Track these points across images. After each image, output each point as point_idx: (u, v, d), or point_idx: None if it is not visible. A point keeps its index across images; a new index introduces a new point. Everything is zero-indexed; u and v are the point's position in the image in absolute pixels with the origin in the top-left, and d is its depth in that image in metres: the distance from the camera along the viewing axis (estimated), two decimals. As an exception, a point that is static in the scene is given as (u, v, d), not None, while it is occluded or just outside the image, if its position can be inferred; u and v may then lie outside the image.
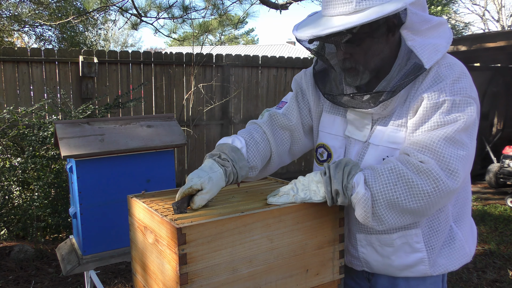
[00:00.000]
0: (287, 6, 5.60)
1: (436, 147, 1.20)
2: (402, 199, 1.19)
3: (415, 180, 1.18)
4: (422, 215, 1.24)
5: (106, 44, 20.92)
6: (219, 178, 1.29)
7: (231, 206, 1.31)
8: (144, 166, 2.39)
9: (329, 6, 1.29)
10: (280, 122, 1.53)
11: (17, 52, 5.36)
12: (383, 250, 1.38)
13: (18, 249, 4.08)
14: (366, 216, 1.22)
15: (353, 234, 1.44)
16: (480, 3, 21.36)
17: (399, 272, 1.39)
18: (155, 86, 6.26)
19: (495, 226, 5.12)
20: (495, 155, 7.12)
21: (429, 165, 1.18)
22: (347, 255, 1.48)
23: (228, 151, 1.35)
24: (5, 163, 4.31)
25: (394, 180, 1.20)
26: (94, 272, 2.54)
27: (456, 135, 1.21)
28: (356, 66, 1.33)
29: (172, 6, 5.71)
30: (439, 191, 1.18)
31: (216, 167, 1.30)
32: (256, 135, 1.47)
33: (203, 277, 1.12)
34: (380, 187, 1.20)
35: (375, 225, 1.23)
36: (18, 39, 12.85)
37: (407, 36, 1.27)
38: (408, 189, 1.19)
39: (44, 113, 4.75)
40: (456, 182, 1.19)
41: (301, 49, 25.44)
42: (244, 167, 1.37)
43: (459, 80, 1.26)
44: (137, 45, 33.83)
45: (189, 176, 1.28)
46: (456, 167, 1.19)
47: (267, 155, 1.49)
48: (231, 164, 1.33)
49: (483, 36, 6.53)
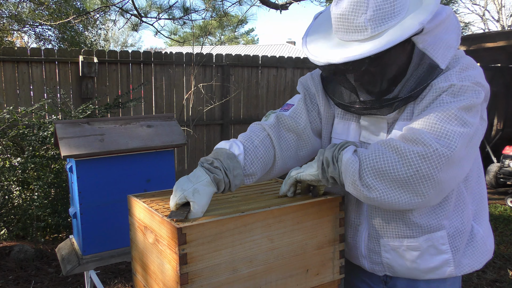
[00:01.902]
0: (287, 6, 5.60)
1: (432, 122, 1.17)
2: (390, 165, 1.14)
3: (404, 146, 1.14)
4: (415, 190, 1.14)
5: (106, 44, 20.92)
6: (206, 185, 1.22)
7: (232, 206, 1.30)
8: (144, 166, 2.39)
9: (340, 30, 1.24)
10: (287, 124, 1.47)
11: (17, 52, 5.36)
12: (409, 254, 1.35)
13: (18, 249, 4.08)
14: (354, 181, 1.17)
15: (375, 240, 1.39)
16: (480, 3, 21.38)
17: (424, 275, 1.37)
18: (155, 86, 6.26)
19: (495, 226, 5.11)
20: (495, 155, 7.12)
21: (419, 132, 1.15)
22: (367, 262, 1.43)
23: (223, 158, 1.29)
24: (5, 163, 4.30)
25: (383, 149, 1.17)
26: (94, 272, 2.54)
27: (456, 112, 1.17)
28: (375, 79, 1.29)
29: (173, 7, 5.72)
30: (428, 157, 1.11)
31: (204, 175, 1.24)
32: (256, 140, 1.40)
33: (203, 277, 1.12)
34: (368, 154, 1.18)
35: (365, 191, 1.17)
36: (18, 39, 12.84)
37: (417, 39, 1.23)
38: (397, 155, 1.14)
39: (44, 113, 4.75)
40: (448, 150, 1.12)
41: (301, 49, 25.38)
42: (239, 175, 1.30)
43: (467, 69, 1.24)
44: (137, 45, 33.86)
45: (175, 186, 1.23)
46: (451, 138, 1.13)
47: (268, 161, 1.42)
48: (223, 173, 1.26)
49: (483, 36, 6.53)
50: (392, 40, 1.16)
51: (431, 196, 1.16)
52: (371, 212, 1.37)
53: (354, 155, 1.20)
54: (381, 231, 1.37)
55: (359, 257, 1.45)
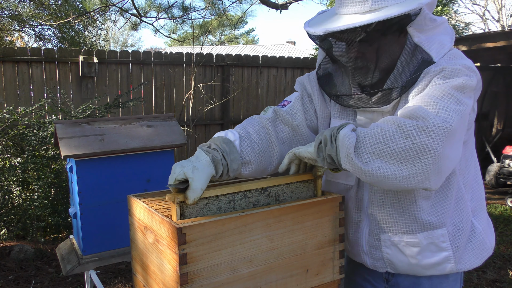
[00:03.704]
0: (287, 6, 5.60)
1: (428, 100, 1.18)
2: (389, 138, 1.13)
3: (403, 120, 1.14)
4: (415, 165, 1.12)
5: (106, 44, 20.92)
6: (205, 165, 1.22)
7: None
8: (144, 166, 2.39)
9: (343, 4, 1.30)
10: (284, 118, 1.50)
11: (17, 52, 5.36)
12: (409, 250, 1.36)
13: (18, 249, 4.08)
14: (349, 154, 1.15)
15: (375, 235, 1.41)
16: (480, 3, 21.39)
17: (424, 271, 1.38)
18: (155, 86, 6.26)
19: (495, 226, 5.11)
20: (495, 155, 7.12)
21: (417, 108, 1.15)
22: (369, 259, 1.45)
23: (220, 143, 1.31)
24: (5, 163, 4.31)
25: (382, 124, 1.17)
26: (94, 272, 2.54)
27: (450, 90, 1.18)
28: (368, 65, 1.33)
29: (172, 7, 5.72)
30: (428, 129, 1.10)
31: (203, 155, 1.25)
32: (252, 131, 1.42)
33: (203, 277, 1.12)
34: (366, 130, 1.17)
35: (359, 164, 1.15)
36: (18, 39, 12.85)
37: (413, 33, 1.28)
38: (396, 127, 1.13)
39: (44, 113, 4.75)
40: (446, 123, 1.11)
41: (301, 49, 25.42)
42: (236, 159, 1.31)
43: (456, 58, 1.28)
44: (137, 45, 33.86)
45: (173, 166, 1.23)
46: (447, 113, 1.14)
47: (265, 151, 1.43)
48: (220, 154, 1.28)
49: (483, 36, 6.53)
50: (391, 13, 1.21)
51: (431, 173, 1.13)
52: (372, 207, 1.39)
53: (352, 131, 1.19)
54: (381, 226, 1.38)
55: (360, 254, 1.47)
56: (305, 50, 24.14)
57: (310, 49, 20.95)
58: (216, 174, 1.27)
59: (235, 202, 1.27)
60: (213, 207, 1.24)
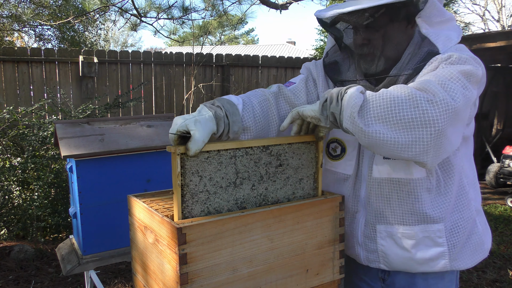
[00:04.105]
0: (287, 6, 5.60)
1: (436, 79, 1.17)
2: (397, 104, 1.11)
3: (413, 90, 1.13)
4: (418, 134, 1.10)
5: (106, 44, 20.92)
6: (207, 120, 1.21)
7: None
8: (144, 166, 2.39)
9: None
10: (287, 96, 1.49)
11: (17, 52, 5.36)
12: (404, 242, 1.36)
13: (18, 249, 4.08)
14: (352, 113, 1.13)
15: (371, 226, 1.41)
16: (480, 3, 21.40)
17: (418, 267, 1.37)
18: (155, 86, 6.26)
19: (495, 226, 5.12)
20: (495, 155, 7.12)
21: (428, 82, 1.15)
22: (362, 251, 1.45)
23: (223, 103, 1.29)
24: (5, 163, 4.31)
25: (392, 90, 1.15)
26: (94, 272, 2.54)
27: (457, 74, 1.18)
28: (374, 52, 1.35)
29: (172, 7, 5.72)
30: (437, 103, 1.10)
31: (205, 110, 1.24)
32: (254, 100, 1.41)
33: (203, 277, 1.12)
34: (375, 94, 1.15)
35: (361, 124, 1.12)
36: (18, 39, 12.85)
37: (422, 24, 1.30)
38: (406, 95, 1.12)
39: (44, 113, 4.75)
40: (454, 101, 1.12)
41: (301, 49, 25.42)
42: (238, 122, 1.30)
43: (462, 51, 1.29)
44: (137, 45, 33.86)
45: (175, 118, 1.22)
46: (455, 92, 1.13)
47: (265, 122, 1.42)
48: (223, 112, 1.27)
49: (483, 36, 6.53)
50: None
51: (430, 146, 1.11)
52: (369, 197, 1.39)
53: (360, 93, 1.16)
54: (378, 217, 1.39)
55: (355, 246, 1.46)
56: (305, 50, 24.15)
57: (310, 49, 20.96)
58: (217, 132, 1.25)
59: (236, 158, 1.25)
60: (214, 162, 1.22)
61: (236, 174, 1.26)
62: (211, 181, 1.22)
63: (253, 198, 1.30)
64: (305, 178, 1.38)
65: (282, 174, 1.34)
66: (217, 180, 1.23)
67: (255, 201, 1.30)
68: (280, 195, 1.34)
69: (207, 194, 1.22)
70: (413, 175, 1.32)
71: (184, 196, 1.19)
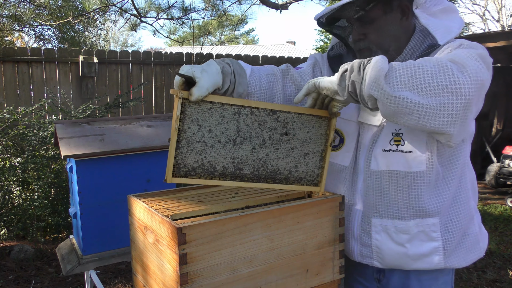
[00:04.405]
0: (287, 6, 5.60)
1: (456, 56, 1.15)
2: (426, 72, 1.08)
3: (443, 60, 1.11)
4: (447, 102, 1.08)
5: (106, 44, 20.92)
6: (214, 73, 1.20)
7: (231, 204, 1.31)
8: (144, 166, 2.39)
9: None
10: (294, 77, 1.50)
11: (17, 52, 5.37)
12: (398, 237, 1.36)
13: (18, 249, 4.08)
14: (378, 78, 1.09)
15: (367, 219, 1.40)
16: (480, 3, 21.39)
17: (412, 263, 1.37)
18: (155, 86, 6.26)
19: (495, 226, 5.12)
20: (495, 155, 7.11)
21: (457, 54, 1.15)
22: (357, 245, 1.44)
23: (234, 63, 1.30)
24: (5, 163, 4.31)
25: (420, 60, 1.14)
26: (94, 272, 2.54)
27: (476, 56, 1.16)
28: (370, 46, 1.36)
29: (172, 7, 5.72)
30: (468, 72, 1.09)
31: (214, 64, 1.23)
32: (262, 72, 1.42)
33: (203, 277, 1.12)
34: (402, 63, 1.13)
35: (387, 89, 1.09)
36: (18, 39, 12.85)
37: (421, 15, 1.30)
38: (435, 65, 1.10)
39: (44, 113, 4.75)
40: (481, 73, 1.11)
41: (301, 49, 25.43)
42: (244, 84, 1.29)
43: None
44: (137, 45, 33.85)
45: (182, 66, 1.20)
46: (479, 68, 1.11)
47: (269, 94, 1.42)
48: (231, 70, 1.27)
49: (483, 36, 6.53)
50: None
51: (459, 115, 1.09)
52: (366, 189, 1.39)
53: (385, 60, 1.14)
54: (374, 209, 1.38)
55: (349, 240, 1.46)
56: (305, 50, 24.15)
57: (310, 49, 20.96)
58: (222, 88, 1.24)
59: (240, 115, 1.22)
60: (216, 114, 1.19)
61: (237, 132, 1.22)
62: (210, 133, 1.19)
63: (251, 161, 1.25)
64: (311, 153, 1.32)
65: (286, 144, 1.29)
66: (217, 133, 1.19)
67: (254, 165, 1.25)
68: (281, 165, 1.29)
69: (204, 145, 1.18)
70: (412, 168, 1.31)
71: (180, 142, 1.16)
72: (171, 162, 1.16)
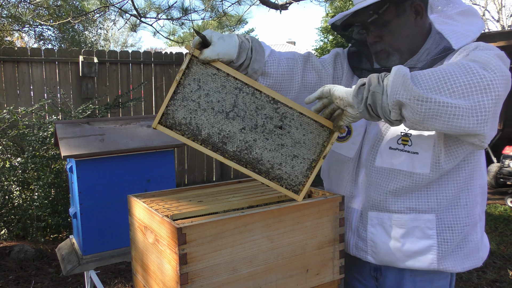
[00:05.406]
0: (287, 6, 5.60)
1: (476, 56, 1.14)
2: (449, 74, 1.07)
3: (463, 61, 1.11)
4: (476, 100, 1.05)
5: (106, 44, 20.92)
6: (232, 45, 1.23)
7: (231, 204, 1.31)
8: (144, 166, 2.39)
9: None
10: (315, 64, 1.51)
11: (17, 52, 5.36)
12: (394, 231, 1.36)
13: (18, 249, 4.08)
14: (405, 81, 1.06)
15: (365, 212, 1.41)
16: (480, 3, 21.38)
17: (405, 259, 1.36)
18: (155, 86, 6.26)
19: (495, 226, 5.12)
20: (495, 155, 7.11)
21: (477, 53, 1.14)
22: (353, 237, 1.45)
23: (254, 40, 1.32)
24: (5, 163, 4.31)
25: (438, 67, 1.14)
26: (94, 272, 2.54)
27: (495, 55, 1.14)
28: (386, 48, 1.37)
29: (172, 8, 5.72)
30: (491, 68, 1.08)
31: (234, 37, 1.27)
32: (283, 55, 1.43)
33: (203, 277, 1.12)
34: (420, 71, 1.12)
35: (417, 89, 1.05)
36: (18, 39, 12.85)
37: (436, 19, 1.31)
38: (456, 66, 1.09)
39: (44, 113, 4.75)
40: (506, 69, 1.10)
41: (301, 49, 25.43)
42: (260, 61, 1.31)
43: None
44: (137, 45, 33.78)
45: (205, 31, 1.25)
46: (502, 65, 1.10)
47: (286, 79, 1.42)
48: (249, 46, 1.29)
49: (483, 36, 6.53)
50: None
51: (490, 113, 1.06)
52: (366, 183, 1.39)
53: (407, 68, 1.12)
54: (372, 202, 1.39)
55: (347, 232, 1.47)
56: (305, 50, 24.15)
57: (310, 49, 20.95)
58: (236, 62, 1.27)
59: (240, 91, 1.23)
60: (218, 81, 1.21)
61: (232, 106, 1.23)
62: (207, 97, 1.21)
63: (237, 141, 1.24)
64: (300, 157, 1.29)
65: (278, 138, 1.26)
66: (213, 99, 1.21)
67: (238, 145, 1.24)
68: (266, 156, 1.26)
69: (197, 106, 1.20)
70: (415, 169, 1.31)
71: (176, 94, 1.19)
72: (162, 109, 1.19)
